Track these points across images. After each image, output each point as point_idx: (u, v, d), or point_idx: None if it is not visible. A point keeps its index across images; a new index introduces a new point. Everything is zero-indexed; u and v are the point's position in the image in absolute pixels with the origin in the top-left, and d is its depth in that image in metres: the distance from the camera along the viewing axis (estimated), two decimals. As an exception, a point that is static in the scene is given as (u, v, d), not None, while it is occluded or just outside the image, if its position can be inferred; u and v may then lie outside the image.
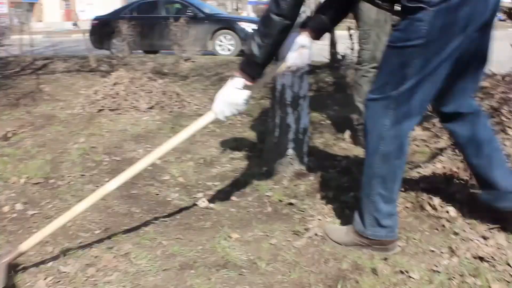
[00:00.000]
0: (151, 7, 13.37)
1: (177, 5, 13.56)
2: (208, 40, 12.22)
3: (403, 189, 2.88)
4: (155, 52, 11.97)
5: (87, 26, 13.83)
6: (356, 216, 2.33)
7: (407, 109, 2.08)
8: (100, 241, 2.41)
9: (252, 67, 2.21)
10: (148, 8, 13.36)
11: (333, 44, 6.85)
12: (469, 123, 2.32)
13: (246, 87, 2.23)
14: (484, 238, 2.32)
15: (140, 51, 12.06)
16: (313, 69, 6.54)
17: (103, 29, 12.30)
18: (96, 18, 13.95)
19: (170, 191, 3.04)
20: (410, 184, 2.93)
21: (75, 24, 15.32)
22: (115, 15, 13.03)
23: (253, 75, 2.23)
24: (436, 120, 3.85)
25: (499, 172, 2.32)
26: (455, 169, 2.96)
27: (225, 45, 12.22)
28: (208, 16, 12.71)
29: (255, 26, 12.08)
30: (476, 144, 2.33)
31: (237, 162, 3.45)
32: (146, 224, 2.60)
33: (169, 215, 2.72)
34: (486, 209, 2.43)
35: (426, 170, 3.03)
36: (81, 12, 37.49)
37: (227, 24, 12.39)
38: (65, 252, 2.29)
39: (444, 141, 3.58)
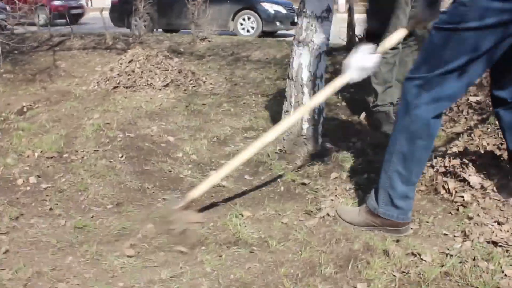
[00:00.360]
0: None
1: None
2: (230, 21, 12.09)
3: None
4: (175, 31, 11.87)
5: (101, 4, 13.76)
6: (372, 193, 2.33)
7: (439, 93, 2.09)
8: (112, 215, 2.42)
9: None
10: None
11: (351, 26, 6.76)
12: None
13: (375, 51, 2.34)
14: (499, 223, 2.29)
15: (160, 30, 12.00)
16: (331, 50, 6.47)
17: (123, 7, 12.24)
18: None
19: (183, 168, 3.04)
20: (423, 165, 2.90)
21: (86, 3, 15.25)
22: None
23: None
24: (453, 105, 3.80)
25: None
26: (471, 155, 2.91)
27: (247, 25, 12.09)
28: None
29: (277, 7, 11.80)
30: None
31: (251, 141, 3.42)
32: (158, 200, 2.60)
33: (182, 192, 2.72)
34: (502, 195, 2.40)
35: (442, 154, 2.99)
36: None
37: (249, 4, 12.10)
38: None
39: (460, 125, 3.53)
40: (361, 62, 2.34)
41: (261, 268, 2.00)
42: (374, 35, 3.73)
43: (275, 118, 3.56)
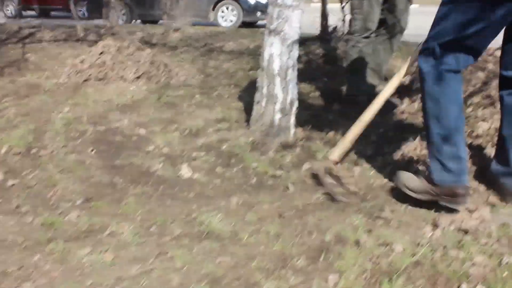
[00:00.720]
0: None
1: None
2: (211, 11, 11.95)
3: (389, 159, 2.88)
4: (154, 22, 11.71)
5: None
6: (427, 165, 2.38)
7: (445, 58, 2.21)
8: (81, 211, 2.37)
9: None
10: None
11: (324, 16, 6.74)
12: None
13: None
14: (469, 211, 2.30)
15: (139, 21, 11.85)
16: (304, 40, 6.45)
17: None
18: None
19: (154, 161, 2.99)
20: (396, 156, 2.92)
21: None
22: None
23: None
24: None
25: None
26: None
27: (228, 16, 11.95)
28: None
29: None
30: None
31: (223, 132, 3.39)
32: (128, 195, 2.56)
33: (152, 186, 2.68)
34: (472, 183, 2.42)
35: (414, 142, 2.99)
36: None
37: None
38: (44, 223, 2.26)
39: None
40: None
41: (233, 261, 1.98)
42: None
43: (248, 109, 3.53)
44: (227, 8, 11.95)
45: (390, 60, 4.23)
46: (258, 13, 11.96)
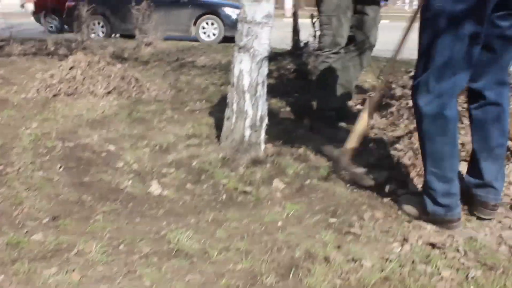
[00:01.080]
0: None
1: None
2: (192, 26, 11.93)
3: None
4: (133, 36, 11.65)
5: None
6: (423, 192, 2.41)
7: (439, 89, 2.23)
8: (47, 230, 2.33)
9: None
10: None
11: (296, 31, 6.81)
12: (488, 111, 2.40)
13: None
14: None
15: (118, 35, 11.78)
16: (275, 56, 6.50)
17: (78, 12, 11.93)
18: (72, 0, 13.60)
19: (123, 178, 2.96)
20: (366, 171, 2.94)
21: (22, 6, 14.80)
22: None
23: None
24: (394, 109, 3.87)
25: (492, 166, 2.42)
26: (411, 158, 2.97)
27: (209, 31, 11.92)
28: (191, 1, 12.24)
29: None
30: (485, 134, 2.42)
31: (193, 148, 3.38)
32: (96, 212, 2.53)
33: (121, 203, 2.65)
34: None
35: (384, 158, 3.03)
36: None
37: (212, 9, 11.90)
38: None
39: (401, 129, 3.59)
40: None
41: (202, 279, 1.97)
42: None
43: (219, 124, 3.53)
44: (208, 23, 11.94)
45: (359, 76, 4.28)
46: None
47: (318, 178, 2.93)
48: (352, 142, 2.83)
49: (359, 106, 4.34)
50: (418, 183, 2.66)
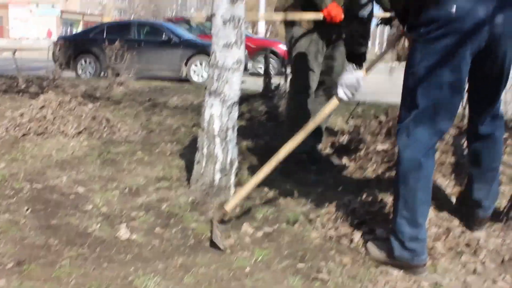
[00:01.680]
0: (123, 30, 13.04)
1: (150, 28, 13.30)
2: (183, 66, 11.99)
3: (326, 219, 2.93)
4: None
5: (18, 44, 13.51)
6: (390, 235, 2.45)
7: (419, 135, 2.33)
8: (12, 275, 2.29)
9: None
10: (118, 30, 13.06)
11: (267, 73, 6.93)
12: (483, 142, 2.57)
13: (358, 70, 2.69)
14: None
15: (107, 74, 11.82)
16: (247, 97, 6.59)
17: (68, 50, 12.04)
18: (62, 38, 13.71)
19: (92, 221, 2.94)
20: (334, 214, 2.97)
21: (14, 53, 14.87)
22: (83, 36, 12.83)
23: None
24: (362, 153, 3.93)
25: (484, 187, 2.65)
26: (378, 203, 3.02)
27: (200, 71, 11.93)
28: (183, 41, 12.47)
29: None
30: (479, 160, 2.61)
31: (163, 191, 3.39)
32: (63, 257, 2.50)
33: (89, 247, 2.62)
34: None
35: (349, 201, 3.07)
36: (11, 29, 36.49)
37: (203, 49, 11.87)
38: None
39: (369, 173, 3.66)
40: (348, 80, 2.69)
41: (168, 327, 1.95)
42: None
43: (189, 166, 3.55)
44: (200, 64, 11.96)
45: (329, 119, 4.36)
46: None
47: (287, 222, 2.96)
48: (232, 204, 2.91)
49: (329, 150, 4.41)
50: (386, 228, 2.69)
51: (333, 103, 2.84)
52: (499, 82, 2.40)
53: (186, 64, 12.05)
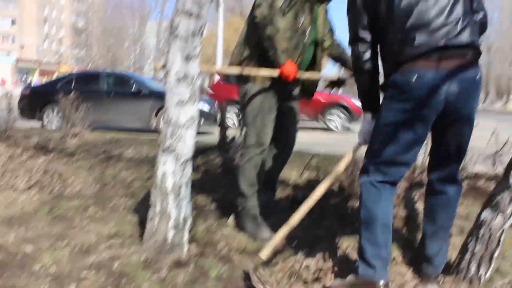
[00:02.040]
0: (92, 80, 13.05)
1: (119, 79, 13.34)
2: (153, 117, 11.98)
3: (280, 276, 2.93)
4: (105, 128, 11.63)
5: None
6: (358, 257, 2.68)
7: (374, 173, 2.66)
8: None
9: (363, 102, 2.84)
10: (87, 81, 13.08)
11: (223, 126, 6.97)
12: (438, 199, 2.79)
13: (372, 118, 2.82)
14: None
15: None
16: (203, 149, 6.60)
17: (34, 100, 11.84)
18: (28, 88, 13.58)
19: (39, 282, 2.84)
20: (288, 271, 2.97)
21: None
22: (50, 86, 12.75)
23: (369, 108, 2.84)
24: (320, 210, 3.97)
25: (435, 244, 2.80)
26: (332, 259, 3.04)
27: None
28: (152, 92, 12.48)
29: (201, 105, 12.27)
30: (433, 216, 2.81)
31: (115, 249, 3.31)
32: (7, 322, 2.41)
33: (35, 311, 2.54)
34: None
35: (302, 259, 3.08)
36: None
37: None
38: None
39: (325, 230, 3.69)
40: (364, 128, 2.87)
41: None
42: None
43: (143, 222, 3.49)
44: None
45: (281, 173, 4.39)
46: (202, 120, 11.94)
47: (242, 279, 2.93)
48: (266, 252, 3.02)
49: (283, 203, 4.44)
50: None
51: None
52: (455, 147, 2.65)
53: (156, 115, 12.08)
